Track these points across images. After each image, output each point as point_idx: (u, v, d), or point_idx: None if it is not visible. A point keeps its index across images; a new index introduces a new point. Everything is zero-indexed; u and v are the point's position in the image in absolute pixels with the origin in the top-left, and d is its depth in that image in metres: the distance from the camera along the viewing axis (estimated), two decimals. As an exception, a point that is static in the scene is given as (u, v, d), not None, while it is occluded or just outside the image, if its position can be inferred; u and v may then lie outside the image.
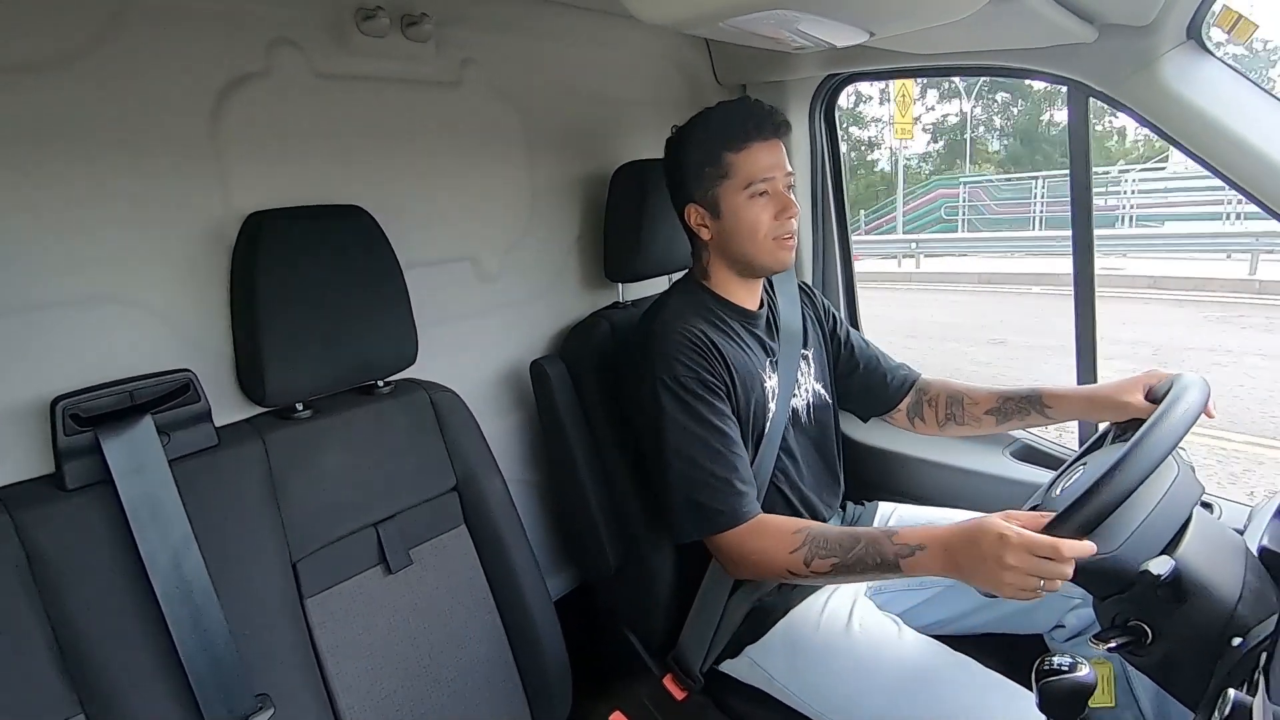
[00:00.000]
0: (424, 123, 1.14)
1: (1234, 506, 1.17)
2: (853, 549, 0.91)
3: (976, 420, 1.24)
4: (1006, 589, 0.80)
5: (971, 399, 1.25)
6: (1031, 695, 0.75)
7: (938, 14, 0.83)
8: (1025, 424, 1.20)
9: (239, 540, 0.83)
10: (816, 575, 0.94)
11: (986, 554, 0.80)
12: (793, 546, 0.95)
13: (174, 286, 0.89)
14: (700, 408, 1.01)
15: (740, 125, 1.06)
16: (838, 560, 0.92)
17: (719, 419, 1.02)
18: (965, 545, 0.83)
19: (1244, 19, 1.00)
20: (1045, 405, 1.16)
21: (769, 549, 0.97)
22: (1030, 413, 1.18)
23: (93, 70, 0.81)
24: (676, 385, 1.02)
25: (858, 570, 0.91)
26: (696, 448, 1.00)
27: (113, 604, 0.74)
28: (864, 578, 0.94)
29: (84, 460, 0.75)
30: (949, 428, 1.28)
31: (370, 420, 0.98)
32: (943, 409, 1.28)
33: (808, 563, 0.94)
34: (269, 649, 0.83)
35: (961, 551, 0.84)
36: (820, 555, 0.93)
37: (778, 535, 0.97)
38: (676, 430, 1.01)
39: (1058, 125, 21.34)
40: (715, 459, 1.00)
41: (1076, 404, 1.14)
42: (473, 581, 1.03)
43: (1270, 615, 0.75)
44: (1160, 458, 0.81)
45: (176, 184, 0.89)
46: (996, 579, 0.80)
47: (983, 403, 1.23)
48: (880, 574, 0.91)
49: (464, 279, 1.23)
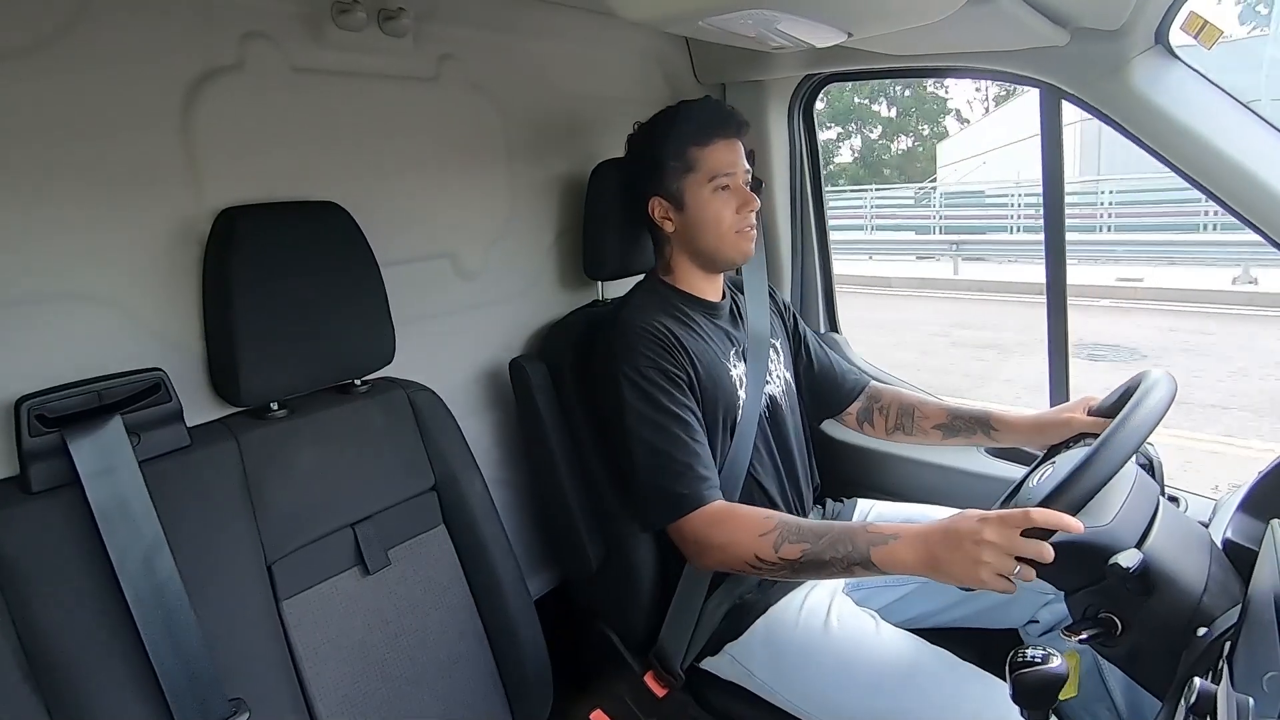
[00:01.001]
0: (401, 118, 1.12)
1: (1199, 500, 1.20)
2: (824, 535, 0.91)
3: (924, 433, 1.28)
4: (984, 569, 0.79)
5: (922, 412, 1.29)
6: (1006, 686, 0.76)
7: (914, 16, 0.84)
8: (970, 442, 1.25)
9: (212, 542, 0.82)
10: (785, 563, 0.93)
11: (964, 536, 0.81)
12: (763, 530, 0.94)
13: (144, 284, 0.87)
14: (660, 397, 1.03)
15: (706, 122, 1.11)
16: (809, 546, 0.91)
17: (679, 408, 1.03)
18: (942, 534, 0.84)
19: (1209, 24, 1.02)
20: (992, 427, 1.20)
21: (737, 534, 0.96)
22: (976, 433, 1.22)
23: (58, 61, 0.79)
24: (637, 375, 1.04)
25: (828, 558, 0.90)
26: (657, 435, 1.02)
27: (81, 609, 0.72)
28: (833, 570, 0.91)
29: (50, 462, 0.73)
30: (896, 435, 1.32)
31: (347, 419, 0.97)
32: (893, 418, 1.32)
33: (777, 547, 0.93)
34: (244, 653, 0.81)
35: (938, 540, 0.84)
36: (790, 540, 0.93)
37: (748, 521, 0.97)
38: (637, 419, 1.03)
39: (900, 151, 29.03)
40: (675, 444, 1.01)
41: (1023, 428, 1.17)
42: (452, 582, 1.02)
43: (1234, 605, 0.77)
44: (1142, 438, 0.83)
45: (147, 179, 0.86)
46: (974, 558, 0.80)
47: (932, 417, 1.28)
48: (850, 566, 0.89)
49: (443, 276, 1.22)
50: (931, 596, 1.20)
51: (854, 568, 0.89)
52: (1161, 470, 1.00)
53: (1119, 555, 0.79)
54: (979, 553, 0.79)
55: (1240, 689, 0.58)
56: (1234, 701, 0.56)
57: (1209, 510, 1.07)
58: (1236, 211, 1.05)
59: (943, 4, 0.79)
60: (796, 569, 0.93)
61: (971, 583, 0.82)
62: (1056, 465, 1.00)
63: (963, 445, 1.26)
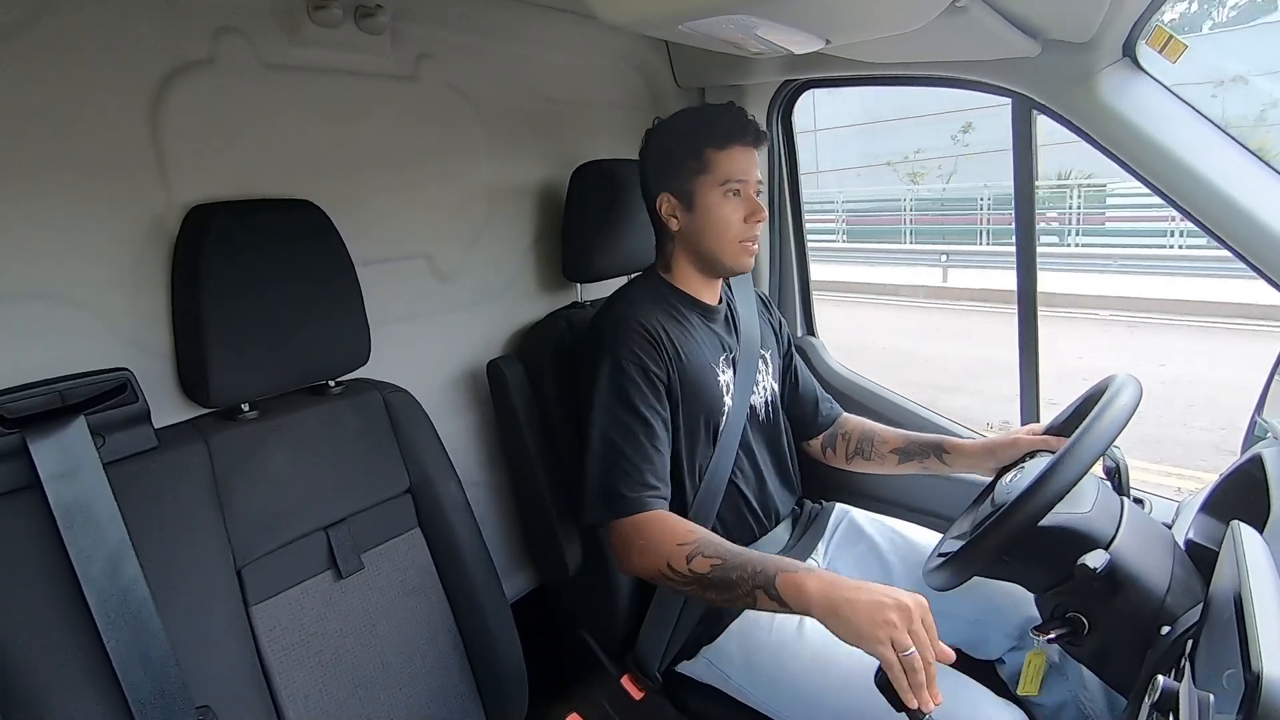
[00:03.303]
0: (378, 117, 1.11)
1: (1163, 502, 1.23)
2: (739, 556, 0.89)
3: (882, 458, 1.30)
4: (881, 629, 0.75)
5: (881, 438, 1.31)
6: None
7: (890, 24, 0.86)
8: (924, 468, 1.25)
9: (180, 547, 0.80)
10: (693, 576, 0.90)
11: (879, 594, 0.77)
12: (681, 540, 0.93)
13: (111, 282, 0.85)
14: (634, 396, 1.02)
15: (726, 126, 1.10)
16: (719, 563, 0.88)
17: (647, 410, 1.03)
18: (855, 585, 0.80)
19: (1174, 38, 1.05)
20: (945, 451, 1.22)
21: (658, 542, 0.94)
22: (930, 457, 1.24)
23: (22, 53, 0.77)
24: (617, 369, 1.03)
25: (734, 578, 0.87)
26: (619, 432, 1.01)
27: (42, 616, 0.70)
28: (736, 590, 0.86)
29: (9, 464, 0.71)
30: (855, 461, 1.33)
31: (320, 421, 0.95)
32: (854, 444, 1.33)
33: (689, 559, 0.91)
34: (212, 659, 0.80)
35: (848, 587, 0.79)
36: (705, 554, 0.90)
37: (671, 530, 0.95)
38: (605, 413, 1.03)
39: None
40: (632, 444, 1.01)
41: (974, 453, 1.18)
42: (426, 585, 1.01)
43: (1196, 605, 0.80)
44: (1111, 438, 0.86)
45: (114, 175, 0.85)
46: (878, 620, 0.75)
47: (890, 442, 1.29)
48: (753, 590, 0.85)
49: (419, 277, 1.21)
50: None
51: (756, 590, 0.85)
52: (1127, 472, 1.02)
53: (1086, 556, 0.81)
54: (886, 614, 0.75)
55: (1201, 686, 0.59)
56: (1195, 698, 0.57)
57: (1172, 512, 1.10)
58: (1197, 219, 1.09)
59: (917, 13, 0.80)
60: (704, 584, 0.90)
61: (864, 640, 0.77)
62: (1025, 469, 1.02)
63: (917, 471, 1.26)
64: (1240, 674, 0.52)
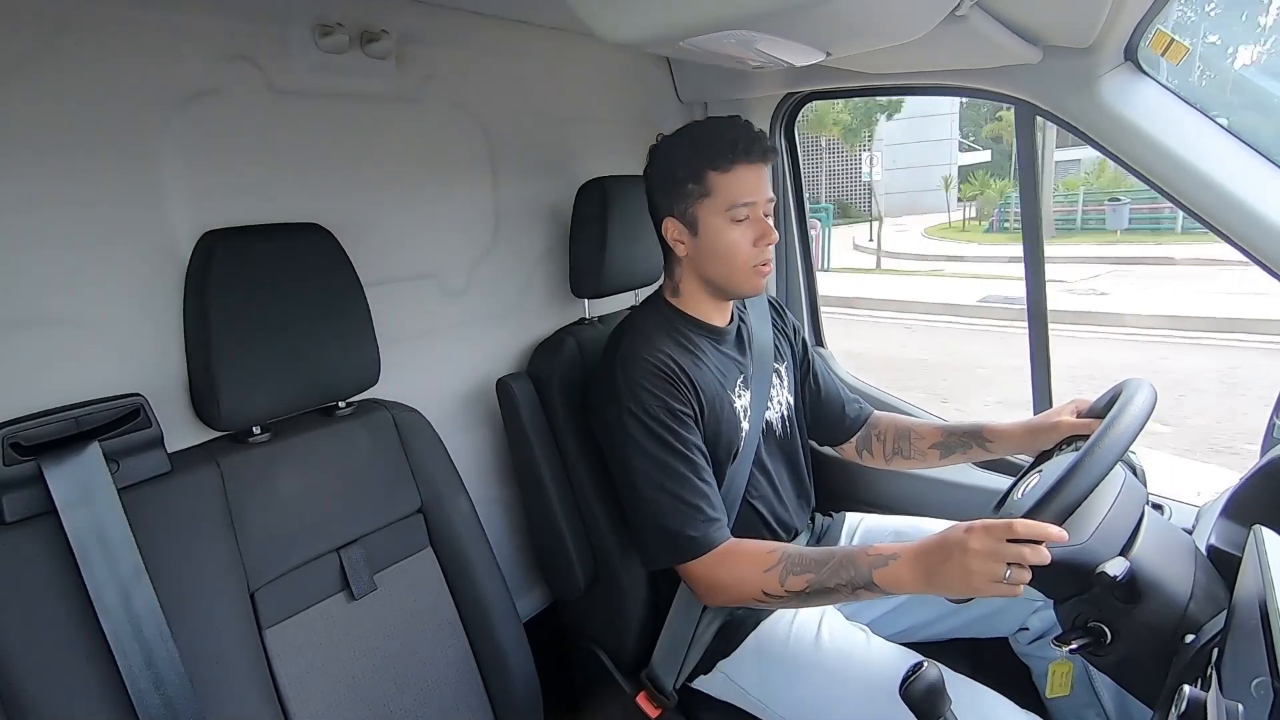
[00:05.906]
0: (385, 139, 1.12)
1: (1183, 507, 1.21)
2: (827, 563, 0.91)
3: (922, 454, 1.28)
4: (975, 577, 0.80)
5: (918, 434, 1.28)
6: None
7: (891, 35, 0.86)
8: (967, 458, 1.24)
9: (193, 571, 0.80)
10: (791, 595, 0.93)
11: (953, 547, 0.82)
12: (767, 565, 0.94)
13: (124, 308, 0.86)
14: (668, 436, 1.00)
15: (728, 145, 1.02)
16: (813, 576, 0.91)
17: (687, 448, 1.01)
18: (934, 548, 0.85)
19: (1176, 42, 1.05)
20: (986, 439, 1.20)
21: (743, 573, 0.96)
22: (972, 446, 1.22)
23: (35, 82, 0.78)
24: (644, 414, 1.00)
25: (832, 585, 0.90)
26: (666, 475, 1.00)
27: (57, 643, 0.70)
28: (838, 595, 0.91)
29: (25, 491, 0.71)
30: (895, 461, 1.31)
31: (331, 442, 0.95)
32: (890, 443, 1.31)
33: (783, 581, 0.93)
34: (226, 684, 0.79)
35: (932, 554, 0.85)
36: (795, 572, 0.93)
37: (752, 557, 0.97)
38: (644, 459, 1.00)
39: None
40: (685, 485, 0.99)
41: (1016, 436, 1.17)
42: (439, 605, 1.00)
43: (1220, 612, 0.78)
44: (1124, 448, 0.84)
45: (126, 201, 0.86)
46: (965, 568, 0.80)
47: (928, 437, 1.27)
48: (854, 590, 0.90)
49: (428, 296, 1.22)
50: (921, 609, 1.20)
51: (859, 591, 0.89)
52: (1145, 479, 1.00)
53: (1106, 564, 0.79)
54: (968, 562, 0.80)
55: (1229, 695, 0.58)
56: (1224, 708, 0.56)
57: (1192, 517, 1.08)
58: (1205, 220, 1.08)
59: (917, 24, 0.81)
60: (804, 599, 0.93)
61: (966, 592, 0.82)
62: (1042, 475, 1.01)
63: (960, 462, 1.25)
64: (1269, 682, 0.51)
